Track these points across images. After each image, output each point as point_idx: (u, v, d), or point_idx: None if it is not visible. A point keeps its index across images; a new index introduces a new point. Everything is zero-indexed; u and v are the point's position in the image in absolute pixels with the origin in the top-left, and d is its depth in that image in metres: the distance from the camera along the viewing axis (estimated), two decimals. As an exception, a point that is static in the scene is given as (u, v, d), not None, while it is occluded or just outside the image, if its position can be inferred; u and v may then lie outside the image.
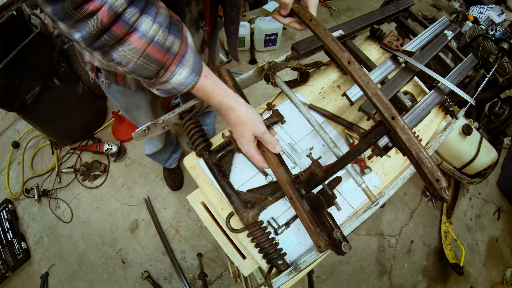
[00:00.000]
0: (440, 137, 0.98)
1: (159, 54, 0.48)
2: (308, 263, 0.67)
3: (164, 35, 0.47)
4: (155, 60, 0.48)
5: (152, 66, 0.49)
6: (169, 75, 0.51)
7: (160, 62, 0.49)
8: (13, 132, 2.18)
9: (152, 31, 0.46)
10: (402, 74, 0.90)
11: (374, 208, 0.75)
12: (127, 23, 0.44)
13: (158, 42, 0.47)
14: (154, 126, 0.74)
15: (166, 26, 0.48)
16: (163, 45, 0.48)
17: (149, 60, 0.48)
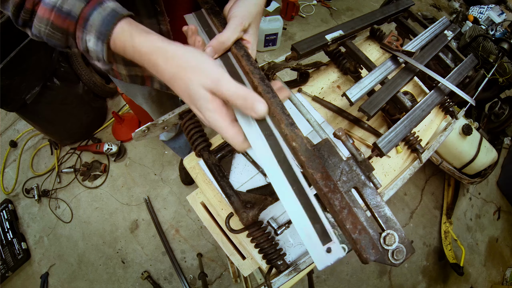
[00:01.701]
0: (440, 137, 0.98)
1: (59, 19, 0.44)
2: (308, 263, 0.67)
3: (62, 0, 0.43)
4: (57, 26, 0.45)
5: (57, 34, 0.46)
6: (81, 43, 0.46)
7: (62, 28, 0.45)
8: (13, 132, 2.18)
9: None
10: (402, 74, 0.90)
11: (374, 208, 0.74)
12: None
13: (58, 7, 0.43)
14: (154, 126, 0.74)
15: None
16: (62, 9, 0.43)
17: (53, 27, 0.45)
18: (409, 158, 0.98)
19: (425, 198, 2.31)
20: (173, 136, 1.46)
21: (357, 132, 0.99)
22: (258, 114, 0.39)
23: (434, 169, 2.40)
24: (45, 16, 0.44)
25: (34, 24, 0.46)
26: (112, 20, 0.43)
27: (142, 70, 0.78)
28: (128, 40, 0.44)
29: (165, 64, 0.43)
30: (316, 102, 1.01)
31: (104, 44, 0.44)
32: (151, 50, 0.43)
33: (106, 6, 0.44)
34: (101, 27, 0.43)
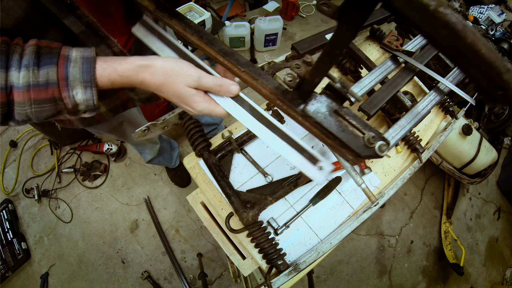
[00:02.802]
0: (440, 137, 0.98)
1: (42, 93, 0.46)
2: (308, 263, 0.67)
3: (34, 74, 0.45)
4: (43, 100, 0.47)
5: (46, 106, 0.48)
6: (68, 101, 0.48)
7: (48, 98, 0.47)
8: (13, 132, 2.18)
9: (22, 79, 0.45)
10: (402, 74, 0.90)
11: (374, 208, 0.75)
12: (2, 88, 0.44)
13: (33, 84, 0.45)
14: (154, 126, 0.74)
15: (34, 63, 0.46)
16: (39, 83, 0.46)
17: (39, 103, 0.47)
18: (409, 158, 0.98)
19: (425, 198, 2.31)
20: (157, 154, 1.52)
21: (357, 132, 0.99)
22: (233, 93, 0.54)
23: (434, 169, 2.40)
24: (25, 98, 0.46)
25: (16, 111, 0.47)
26: (89, 67, 0.48)
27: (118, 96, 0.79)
28: (112, 73, 0.49)
29: (152, 77, 0.50)
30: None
31: (93, 88, 0.48)
32: (136, 71, 0.50)
33: (74, 57, 0.48)
34: (83, 77, 0.47)
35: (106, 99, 0.76)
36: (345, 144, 0.47)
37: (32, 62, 0.46)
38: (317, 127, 0.49)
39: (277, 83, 0.52)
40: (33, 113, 0.48)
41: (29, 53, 0.46)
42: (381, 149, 0.45)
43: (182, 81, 0.51)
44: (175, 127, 0.82)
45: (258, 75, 0.52)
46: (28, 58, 0.46)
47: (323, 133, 0.49)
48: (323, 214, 0.84)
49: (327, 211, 0.85)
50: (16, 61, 0.45)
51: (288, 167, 0.89)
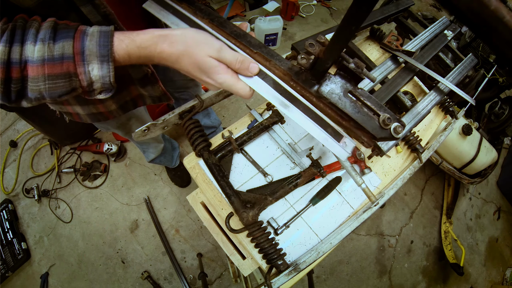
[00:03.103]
0: (440, 137, 0.98)
1: (57, 68, 0.45)
2: (308, 263, 0.67)
3: (49, 48, 0.44)
4: (57, 75, 0.45)
5: (60, 82, 0.46)
6: (84, 77, 0.47)
7: (63, 74, 0.46)
8: (13, 132, 2.18)
9: (37, 53, 0.44)
10: (402, 74, 0.90)
11: (374, 208, 0.75)
12: (16, 63, 0.43)
13: (48, 58, 0.44)
14: (154, 126, 0.74)
15: (50, 37, 0.44)
16: (53, 57, 0.44)
17: (53, 78, 0.45)
18: (409, 158, 0.98)
19: (425, 198, 2.31)
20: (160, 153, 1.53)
21: (357, 132, 0.99)
22: (253, 72, 0.51)
23: (434, 169, 2.40)
24: (39, 73, 0.44)
25: (29, 88, 0.46)
26: (107, 40, 0.46)
27: (129, 93, 0.78)
28: (130, 44, 0.48)
29: (171, 47, 0.48)
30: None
31: (110, 63, 0.47)
32: (154, 41, 0.48)
33: (91, 31, 0.47)
34: (100, 51, 0.46)
35: (117, 95, 0.76)
36: (360, 126, 0.46)
37: (48, 36, 0.44)
38: (332, 108, 0.48)
39: (290, 64, 0.50)
40: (47, 90, 0.46)
41: (46, 28, 0.45)
42: (396, 131, 0.44)
43: (204, 50, 0.48)
44: (175, 127, 0.82)
45: (271, 56, 0.51)
46: (44, 32, 0.45)
47: (337, 114, 0.48)
48: (323, 214, 0.84)
49: (327, 211, 0.85)
50: (32, 35, 0.44)
51: (288, 167, 0.89)
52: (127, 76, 0.71)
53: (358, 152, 0.91)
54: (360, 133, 0.47)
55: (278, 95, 0.51)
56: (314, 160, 0.84)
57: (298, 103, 0.51)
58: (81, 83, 0.47)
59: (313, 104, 0.50)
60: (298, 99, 0.51)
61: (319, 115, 0.51)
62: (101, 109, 0.79)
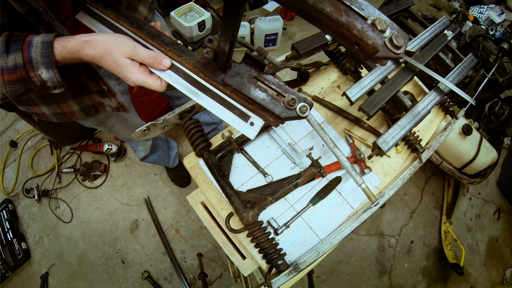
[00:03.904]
0: (440, 137, 0.98)
1: (12, 75, 0.54)
2: (308, 263, 0.67)
3: (4, 60, 0.53)
4: (14, 81, 0.55)
5: (18, 85, 0.56)
6: (36, 79, 0.56)
7: (18, 79, 0.55)
8: (13, 132, 2.18)
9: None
10: (402, 74, 0.90)
11: (374, 208, 0.75)
12: None
13: (4, 68, 0.53)
14: (154, 126, 0.74)
15: (4, 50, 0.53)
16: (8, 67, 0.54)
17: (12, 83, 0.55)
18: (409, 158, 0.98)
19: (425, 198, 2.31)
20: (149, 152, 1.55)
21: (357, 131, 0.99)
22: (166, 66, 0.58)
23: (434, 169, 2.40)
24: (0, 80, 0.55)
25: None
26: (47, 50, 0.55)
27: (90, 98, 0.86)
28: (63, 51, 0.56)
29: (94, 50, 0.56)
30: (316, 102, 1.01)
31: (54, 68, 0.56)
32: (81, 46, 0.56)
33: (36, 42, 0.55)
34: (44, 59, 0.55)
35: (79, 98, 0.84)
36: (264, 107, 0.50)
37: (3, 49, 0.53)
38: (237, 93, 0.53)
39: (199, 58, 0.57)
40: (8, 92, 0.56)
41: (1, 42, 0.54)
42: (301, 110, 0.48)
43: (120, 51, 0.56)
44: (175, 127, 0.82)
45: (182, 52, 0.58)
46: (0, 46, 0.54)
47: (242, 98, 0.53)
48: (323, 214, 0.84)
49: (327, 211, 0.85)
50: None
51: (288, 167, 0.89)
52: (89, 86, 0.80)
53: (358, 152, 0.91)
54: (266, 114, 0.52)
55: (188, 85, 0.58)
56: (314, 160, 0.84)
57: (207, 91, 0.58)
58: (35, 84, 0.57)
59: (221, 91, 0.56)
60: (207, 88, 0.58)
61: (226, 100, 0.57)
62: (64, 109, 0.85)
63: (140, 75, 0.58)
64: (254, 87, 0.52)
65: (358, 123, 0.98)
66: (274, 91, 0.51)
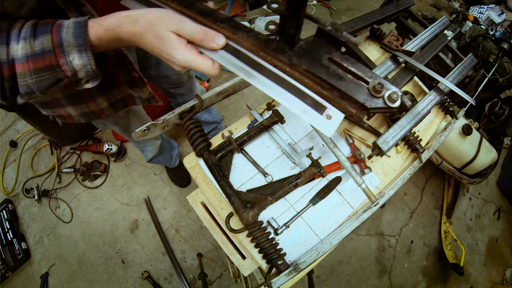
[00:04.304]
0: (440, 137, 0.98)
1: (40, 62, 0.48)
2: (308, 263, 0.67)
3: (31, 45, 0.47)
4: (41, 68, 0.48)
5: (45, 75, 0.49)
6: (67, 67, 0.49)
7: (46, 67, 0.48)
8: (13, 132, 2.18)
9: (20, 50, 0.47)
10: (402, 74, 0.90)
11: (374, 208, 0.75)
12: (5, 62, 0.47)
13: (31, 54, 0.47)
14: (154, 126, 0.74)
15: (30, 34, 0.48)
16: (35, 53, 0.47)
17: (39, 72, 0.48)
18: (409, 158, 0.98)
19: (425, 198, 2.31)
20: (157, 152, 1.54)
21: (357, 131, 0.99)
22: (219, 44, 0.48)
23: (434, 169, 2.40)
24: (25, 69, 0.48)
25: (19, 84, 0.49)
26: (82, 30, 0.48)
27: (119, 92, 0.79)
28: (99, 29, 0.49)
29: (134, 26, 0.48)
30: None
31: (88, 51, 0.49)
32: (119, 22, 0.49)
33: (67, 24, 0.49)
34: (77, 40, 0.48)
35: (108, 93, 0.78)
36: (346, 95, 0.39)
37: (29, 33, 0.47)
38: (309, 77, 0.42)
39: (259, 33, 0.46)
40: (34, 83, 0.49)
41: (27, 26, 0.48)
42: (391, 99, 0.38)
43: (164, 25, 0.48)
44: (175, 127, 0.82)
45: (238, 29, 0.47)
46: (25, 30, 0.48)
47: (316, 83, 0.42)
48: (323, 214, 0.84)
49: (327, 211, 0.85)
50: (15, 35, 0.47)
51: (288, 167, 0.89)
52: (118, 77, 0.73)
53: (358, 152, 0.91)
54: (346, 103, 0.41)
55: (246, 67, 0.47)
56: (314, 160, 0.84)
57: (271, 74, 0.45)
58: (65, 73, 0.50)
59: (288, 74, 0.44)
60: (271, 71, 0.46)
61: (295, 86, 0.44)
62: (92, 108, 0.79)
63: (187, 53, 0.48)
64: (330, 69, 0.41)
65: (358, 123, 0.98)
66: (355, 75, 0.40)
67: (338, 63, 0.41)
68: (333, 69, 0.41)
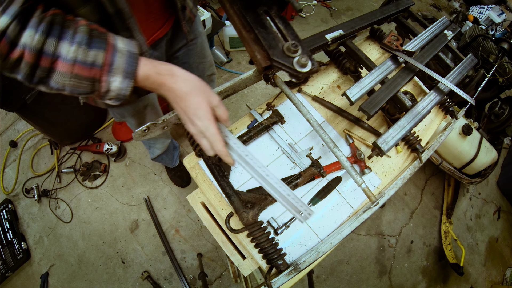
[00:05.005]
0: (440, 137, 0.98)
1: (85, 71, 0.51)
2: (308, 263, 0.67)
3: (84, 52, 0.50)
4: (84, 77, 0.51)
5: (84, 83, 0.52)
6: (105, 85, 0.53)
7: (89, 77, 0.52)
8: (13, 132, 2.18)
9: (71, 53, 0.49)
10: (402, 74, 0.90)
11: (374, 208, 0.75)
12: (49, 54, 0.48)
13: (80, 60, 0.50)
14: (154, 126, 0.74)
15: (86, 43, 0.50)
16: (85, 62, 0.50)
17: (79, 78, 0.51)
18: (409, 158, 0.98)
19: (425, 198, 2.31)
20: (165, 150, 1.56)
21: (357, 131, 0.99)
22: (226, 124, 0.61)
23: (434, 169, 2.40)
24: (68, 70, 0.50)
25: (54, 79, 0.51)
26: (135, 61, 0.54)
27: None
28: (151, 71, 0.55)
29: (183, 83, 0.56)
30: (316, 102, 1.01)
31: (132, 80, 0.54)
32: (171, 73, 0.56)
33: (121, 48, 0.53)
34: (127, 68, 0.53)
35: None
36: (259, 40, 0.44)
37: (85, 41, 0.50)
38: (239, 16, 0.48)
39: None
40: (70, 86, 0.52)
41: (82, 32, 0.51)
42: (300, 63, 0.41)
43: (207, 97, 0.56)
44: (175, 127, 0.82)
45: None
46: (81, 36, 0.50)
47: (241, 22, 0.47)
48: (323, 214, 0.84)
49: (327, 211, 0.85)
50: (70, 36, 0.49)
51: (288, 167, 0.89)
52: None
53: (358, 152, 0.91)
54: (257, 48, 0.46)
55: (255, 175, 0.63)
56: (314, 160, 0.84)
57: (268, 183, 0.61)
58: (101, 88, 0.54)
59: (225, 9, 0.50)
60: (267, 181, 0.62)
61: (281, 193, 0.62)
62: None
63: (215, 128, 0.57)
64: (260, 17, 0.46)
65: (358, 123, 0.98)
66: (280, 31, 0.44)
67: (271, 16, 0.46)
68: (261, 19, 0.46)
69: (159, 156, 1.60)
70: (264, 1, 0.47)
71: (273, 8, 0.47)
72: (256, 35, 0.44)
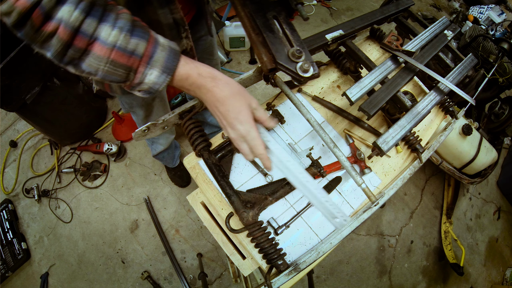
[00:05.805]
0: (440, 137, 0.98)
1: (123, 58, 0.48)
2: (308, 263, 0.67)
3: (125, 39, 0.48)
4: (121, 64, 0.49)
5: (119, 70, 0.50)
6: (140, 76, 0.51)
7: (126, 65, 0.49)
8: (13, 132, 2.18)
9: (112, 37, 0.47)
10: (402, 74, 0.90)
11: (374, 208, 0.75)
12: (86, 35, 0.45)
13: (120, 47, 0.47)
14: (154, 126, 0.74)
15: (128, 29, 0.48)
16: (125, 49, 0.48)
17: (115, 65, 0.49)
18: (409, 158, 0.98)
19: (425, 198, 2.31)
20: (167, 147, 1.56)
21: (357, 131, 0.99)
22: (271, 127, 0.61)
23: (434, 169, 2.40)
24: (105, 55, 0.47)
25: (87, 62, 0.48)
26: (176, 58, 0.53)
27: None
28: (193, 71, 0.54)
29: (224, 87, 0.55)
30: (316, 102, 1.01)
31: (169, 76, 0.52)
32: (212, 76, 0.55)
33: (162, 43, 0.52)
34: (167, 63, 0.51)
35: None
36: (266, 43, 0.46)
37: (127, 28, 0.48)
38: (250, 19, 0.50)
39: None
40: (104, 71, 0.49)
41: (125, 18, 0.49)
42: (303, 69, 0.44)
43: (248, 101, 0.56)
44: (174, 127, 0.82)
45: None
46: (124, 22, 0.48)
47: (251, 25, 0.49)
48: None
49: (327, 211, 0.85)
50: (112, 19, 0.47)
51: (288, 167, 0.88)
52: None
53: (358, 152, 0.91)
54: (264, 51, 0.48)
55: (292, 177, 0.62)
56: (314, 160, 0.84)
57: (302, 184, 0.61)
58: (134, 79, 0.52)
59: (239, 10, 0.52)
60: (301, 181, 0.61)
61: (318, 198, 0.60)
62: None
63: (254, 129, 0.56)
64: (269, 22, 0.48)
65: (358, 123, 0.98)
66: (286, 36, 0.47)
67: (280, 22, 0.49)
68: (270, 23, 0.49)
69: (160, 153, 1.60)
70: (273, 6, 0.50)
71: (282, 14, 0.49)
72: (264, 39, 0.47)
